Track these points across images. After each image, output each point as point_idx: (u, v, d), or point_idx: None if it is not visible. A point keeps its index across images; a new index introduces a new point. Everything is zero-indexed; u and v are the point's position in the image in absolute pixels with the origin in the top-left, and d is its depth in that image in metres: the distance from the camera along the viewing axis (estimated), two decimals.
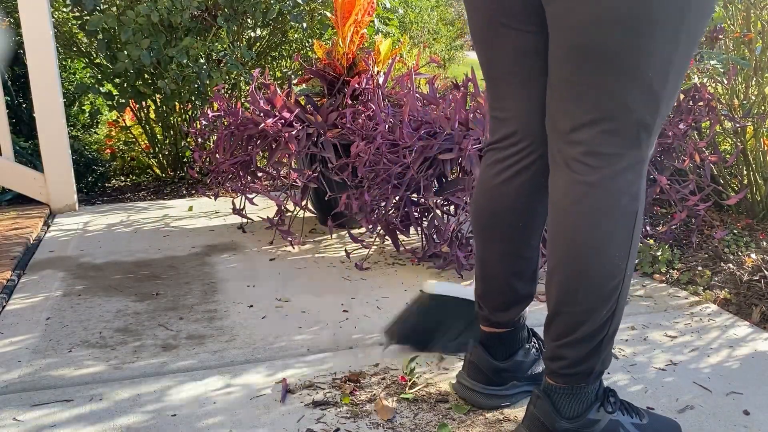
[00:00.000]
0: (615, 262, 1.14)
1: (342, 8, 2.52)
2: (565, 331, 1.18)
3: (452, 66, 9.80)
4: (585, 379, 1.21)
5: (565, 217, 1.16)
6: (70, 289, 2.09)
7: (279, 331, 1.78)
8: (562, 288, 1.17)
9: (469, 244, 2.20)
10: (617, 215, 1.13)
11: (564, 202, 1.16)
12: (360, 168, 2.23)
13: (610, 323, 1.18)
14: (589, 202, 1.13)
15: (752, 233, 2.49)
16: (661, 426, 1.28)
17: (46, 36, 2.85)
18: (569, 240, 1.15)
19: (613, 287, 1.15)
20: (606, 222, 1.13)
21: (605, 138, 1.12)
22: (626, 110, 1.10)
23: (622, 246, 1.14)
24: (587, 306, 1.16)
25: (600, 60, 1.08)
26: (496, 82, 1.28)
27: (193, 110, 3.57)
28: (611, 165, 1.12)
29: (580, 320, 1.17)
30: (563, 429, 1.21)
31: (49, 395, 1.48)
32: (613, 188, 1.12)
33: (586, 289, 1.15)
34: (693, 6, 1.06)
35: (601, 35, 1.06)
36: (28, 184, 3.03)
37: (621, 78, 1.08)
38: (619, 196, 1.13)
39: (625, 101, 1.09)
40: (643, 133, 1.12)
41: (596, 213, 1.13)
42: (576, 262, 1.15)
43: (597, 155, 1.12)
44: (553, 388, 1.22)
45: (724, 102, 2.61)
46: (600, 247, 1.13)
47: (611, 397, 1.24)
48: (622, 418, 1.24)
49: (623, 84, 1.08)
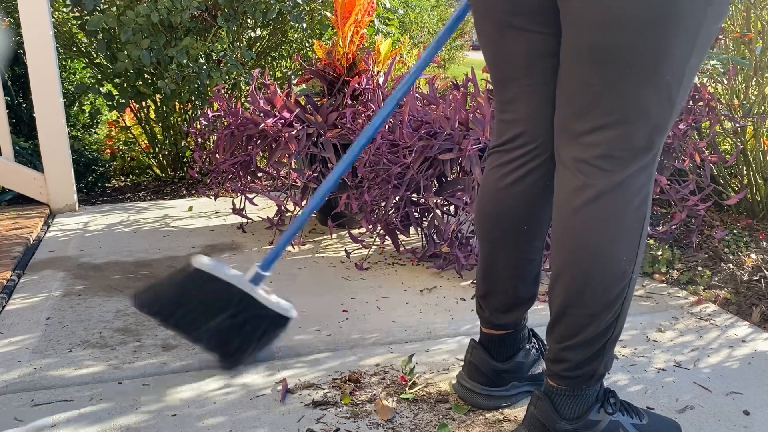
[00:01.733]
0: (623, 266, 1.13)
1: (342, 8, 2.52)
2: (569, 333, 1.18)
3: (452, 66, 9.80)
4: (587, 381, 1.21)
5: (573, 219, 1.14)
6: (70, 289, 2.09)
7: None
8: (567, 291, 1.16)
9: (469, 244, 2.20)
10: (628, 218, 1.12)
11: (573, 204, 1.14)
12: (360, 168, 2.23)
13: (614, 327, 1.18)
14: (600, 205, 1.11)
15: (752, 233, 2.49)
16: (661, 426, 1.28)
17: (46, 36, 2.85)
18: (577, 242, 1.14)
19: (619, 291, 1.14)
20: (616, 225, 1.12)
21: (621, 141, 1.10)
22: (643, 113, 1.08)
23: (630, 249, 1.13)
24: (592, 309, 1.15)
25: (619, 62, 1.06)
26: (505, 85, 1.27)
27: (193, 110, 3.57)
28: (625, 168, 1.11)
29: (585, 323, 1.16)
30: (563, 430, 1.21)
31: (49, 395, 1.48)
32: (625, 191, 1.11)
33: (592, 293, 1.14)
34: (710, 9, 1.04)
35: (621, 36, 1.03)
36: (28, 184, 3.03)
37: (639, 81, 1.06)
38: (630, 199, 1.11)
39: (643, 104, 1.08)
40: (656, 136, 1.11)
41: (607, 216, 1.11)
42: (583, 265, 1.14)
43: (611, 158, 1.11)
44: (554, 389, 1.22)
45: (724, 102, 2.61)
46: (609, 250, 1.12)
47: (611, 397, 1.24)
48: (622, 419, 1.24)
49: (641, 87, 1.07)
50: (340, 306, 1.94)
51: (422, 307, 1.92)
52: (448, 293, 2.02)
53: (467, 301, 1.96)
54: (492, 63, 1.27)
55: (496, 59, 1.26)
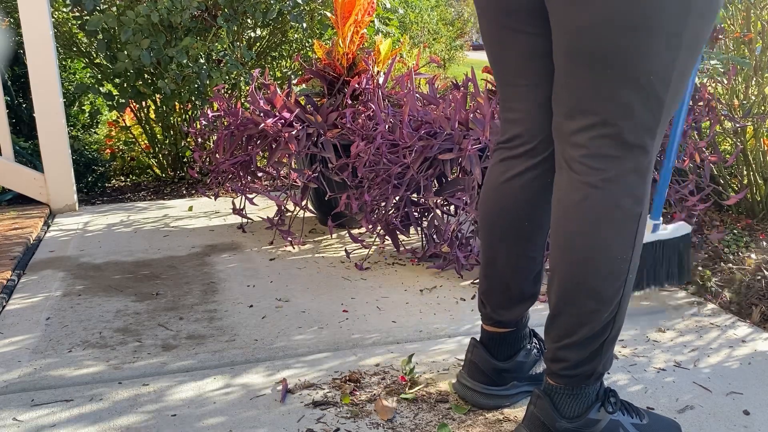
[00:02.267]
0: (617, 265, 1.14)
1: (342, 8, 2.52)
2: (566, 332, 1.18)
3: (452, 66, 9.80)
4: (586, 380, 1.21)
5: (566, 217, 1.16)
6: (70, 289, 2.09)
7: (279, 331, 1.78)
8: (562, 289, 1.17)
9: (469, 244, 2.20)
10: (618, 217, 1.13)
11: (566, 202, 1.16)
12: (360, 168, 2.23)
13: (612, 326, 1.18)
14: (590, 204, 1.13)
15: (752, 233, 2.49)
16: (661, 426, 1.28)
17: (46, 36, 2.85)
18: (570, 240, 1.15)
19: (614, 290, 1.15)
20: (606, 224, 1.13)
21: (606, 141, 1.12)
22: (628, 114, 1.10)
23: (623, 249, 1.13)
24: (588, 308, 1.15)
25: (600, 64, 1.08)
26: (505, 84, 1.29)
27: (193, 110, 3.57)
28: (613, 167, 1.12)
29: (581, 322, 1.16)
30: (563, 429, 1.21)
31: (49, 395, 1.48)
32: (614, 190, 1.12)
33: (586, 291, 1.14)
34: (693, 9, 1.05)
35: (600, 39, 1.07)
36: (28, 184, 3.03)
37: (620, 81, 1.08)
38: (620, 198, 1.12)
39: (626, 105, 1.09)
40: (646, 136, 1.12)
41: (597, 214, 1.13)
42: (576, 262, 1.15)
43: (598, 157, 1.12)
44: (553, 388, 1.22)
45: (724, 102, 2.61)
46: (601, 248, 1.13)
47: (612, 397, 1.24)
48: (622, 418, 1.25)
49: (622, 87, 1.08)
50: (340, 306, 1.94)
51: (422, 307, 1.92)
52: (448, 293, 2.02)
53: (467, 301, 1.96)
54: (492, 63, 1.31)
55: (495, 59, 1.29)
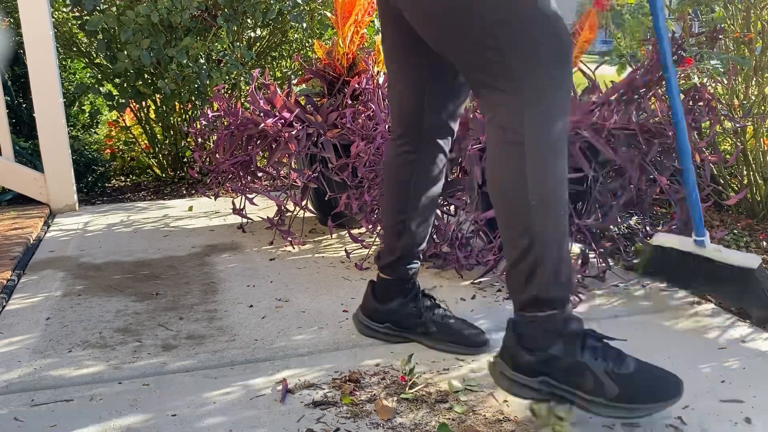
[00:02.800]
0: (517, 194, 1.24)
1: (342, 8, 2.52)
2: (506, 261, 1.31)
3: None
4: (531, 308, 1.26)
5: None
6: (70, 289, 2.09)
7: (279, 331, 1.78)
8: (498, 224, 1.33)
9: (469, 244, 2.20)
10: (500, 148, 1.27)
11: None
12: (360, 168, 2.23)
13: (530, 253, 1.24)
14: (488, 142, 1.30)
15: (752, 233, 2.49)
16: (645, 379, 1.24)
17: (46, 36, 2.85)
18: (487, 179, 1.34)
19: (520, 216, 1.24)
20: (494, 156, 1.28)
21: (482, 91, 1.29)
22: (480, 58, 1.26)
23: (515, 178, 1.24)
24: (505, 236, 1.29)
25: (443, 39, 1.30)
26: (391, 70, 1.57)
27: (193, 110, 3.57)
28: (491, 108, 1.28)
29: (507, 251, 1.29)
30: (524, 360, 1.26)
31: (49, 395, 1.48)
32: (493, 124, 1.27)
33: (499, 218, 1.29)
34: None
35: (431, 26, 1.31)
36: (28, 184, 3.03)
37: (462, 39, 1.26)
38: (498, 131, 1.26)
39: (474, 59, 1.27)
40: (501, 79, 1.24)
41: (490, 150, 1.29)
42: (492, 197, 1.31)
43: (484, 106, 1.30)
44: (515, 318, 1.31)
45: (724, 102, 2.61)
46: (498, 179, 1.28)
47: (591, 340, 1.25)
48: (593, 363, 1.23)
49: (461, 45, 1.27)
50: (340, 306, 1.94)
51: None
52: (448, 293, 2.02)
53: (467, 301, 1.96)
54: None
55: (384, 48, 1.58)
